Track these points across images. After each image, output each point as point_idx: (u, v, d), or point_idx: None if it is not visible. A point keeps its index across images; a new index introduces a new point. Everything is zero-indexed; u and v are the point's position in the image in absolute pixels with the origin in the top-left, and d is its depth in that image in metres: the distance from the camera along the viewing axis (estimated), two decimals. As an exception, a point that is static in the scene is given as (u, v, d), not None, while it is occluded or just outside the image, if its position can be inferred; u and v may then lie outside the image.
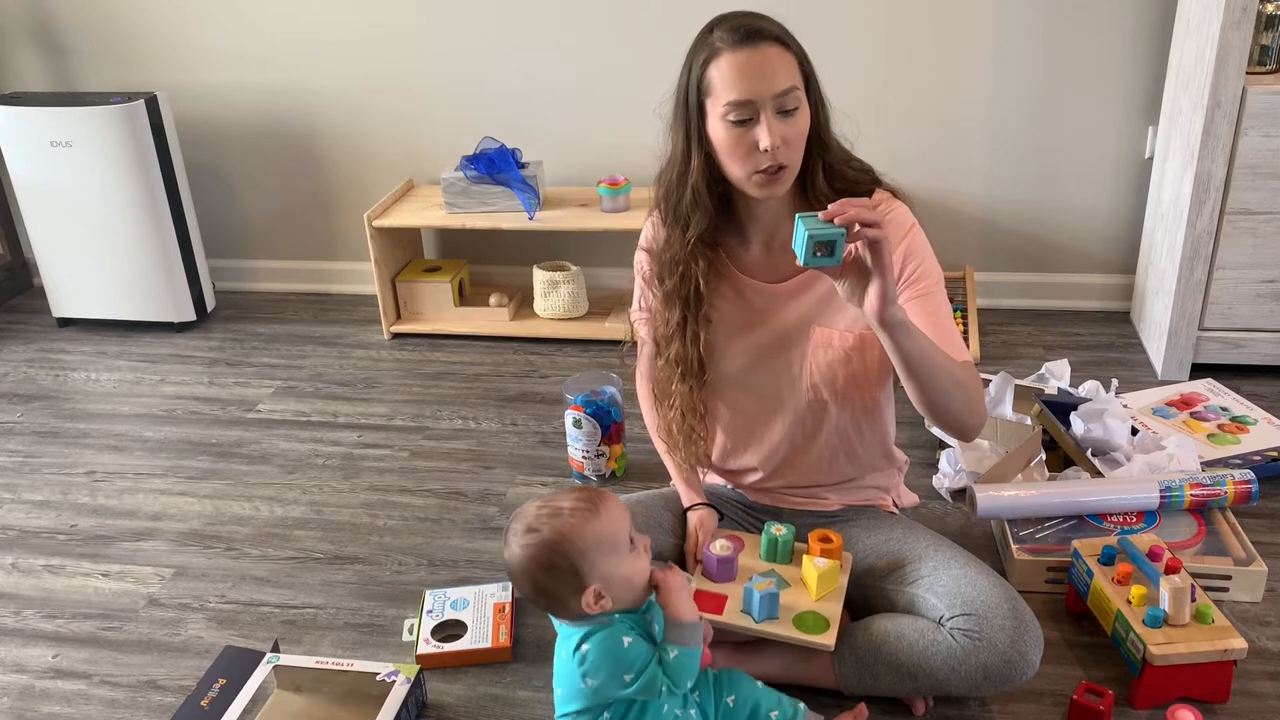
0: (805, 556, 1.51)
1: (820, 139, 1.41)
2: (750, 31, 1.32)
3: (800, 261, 1.21)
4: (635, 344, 1.66)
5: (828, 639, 1.41)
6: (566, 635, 1.29)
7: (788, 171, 1.37)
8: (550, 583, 1.24)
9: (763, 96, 1.32)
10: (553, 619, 1.32)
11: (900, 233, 1.44)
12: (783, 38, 1.34)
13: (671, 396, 1.56)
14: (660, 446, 1.66)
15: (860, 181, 1.45)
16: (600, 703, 1.28)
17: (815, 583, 1.47)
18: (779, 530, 1.56)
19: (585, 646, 1.25)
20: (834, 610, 1.46)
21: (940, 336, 1.39)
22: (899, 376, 1.35)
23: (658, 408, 1.62)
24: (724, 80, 1.33)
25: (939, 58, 2.57)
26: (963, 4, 2.50)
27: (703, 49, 1.36)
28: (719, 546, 1.52)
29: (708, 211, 1.44)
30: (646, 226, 1.58)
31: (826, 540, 1.52)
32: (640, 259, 1.58)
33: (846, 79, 2.61)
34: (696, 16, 1.42)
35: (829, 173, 1.43)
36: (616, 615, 1.27)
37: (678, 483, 1.65)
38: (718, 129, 1.36)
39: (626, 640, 1.25)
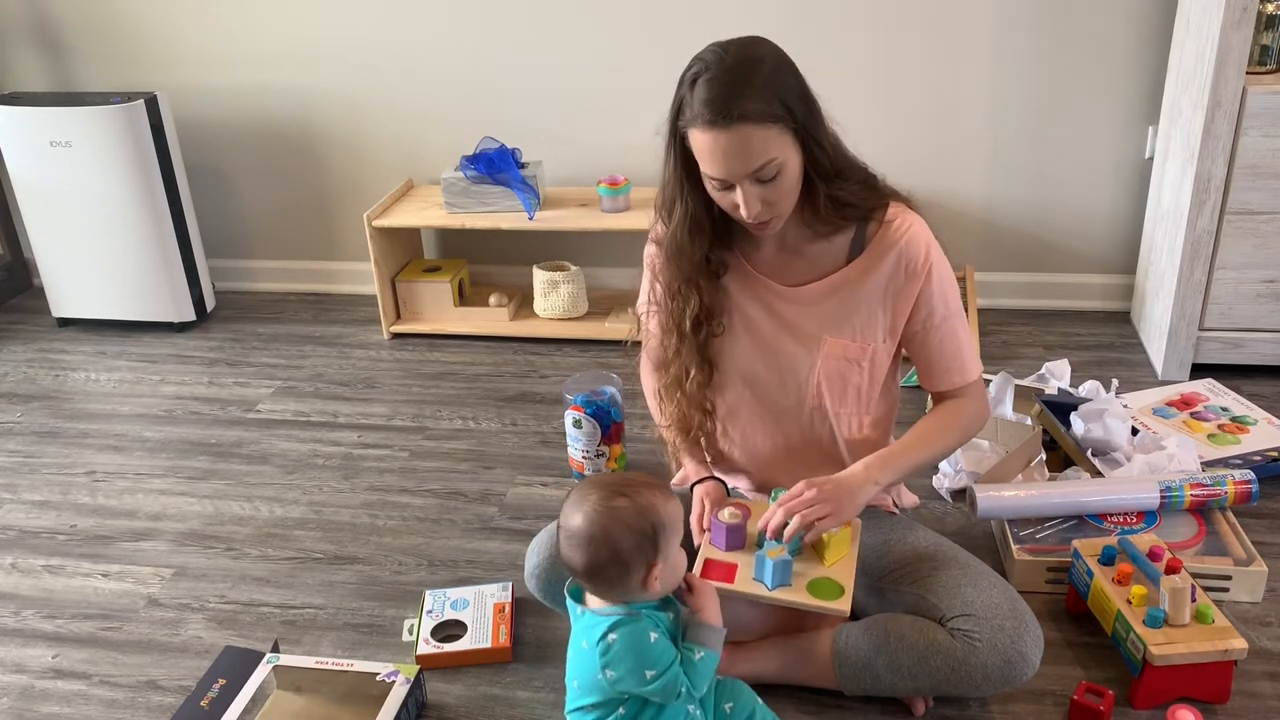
0: None
1: (818, 172, 1.39)
2: (721, 111, 1.28)
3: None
4: (640, 339, 1.66)
5: (843, 604, 1.37)
6: (589, 624, 1.28)
7: (775, 219, 1.40)
8: (631, 548, 1.23)
9: (736, 175, 1.32)
10: (571, 609, 1.32)
11: (918, 260, 1.45)
12: (756, 115, 1.28)
13: (677, 393, 1.55)
14: (666, 434, 1.64)
15: (866, 198, 1.44)
16: (615, 697, 1.28)
17: (828, 549, 1.43)
18: None
19: (612, 636, 1.25)
20: (847, 576, 1.42)
21: (946, 361, 1.51)
22: None
23: (663, 402, 1.61)
24: (701, 151, 1.34)
25: (939, 57, 2.56)
26: (963, 4, 2.50)
27: (685, 106, 1.33)
28: (727, 514, 1.47)
29: (706, 234, 1.46)
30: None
31: None
32: (651, 251, 1.58)
33: (846, 79, 2.62)
34: (696, 17, 1.41)
35: (833, 197, 1.41)
36: (644, 610, 1.27)
37: (685, 460, 1.62)
38: (705, 181, 1.38)
39: (653, 636, 1.25)
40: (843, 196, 1.42)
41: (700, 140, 1.32)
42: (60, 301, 2.91)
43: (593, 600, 1.30)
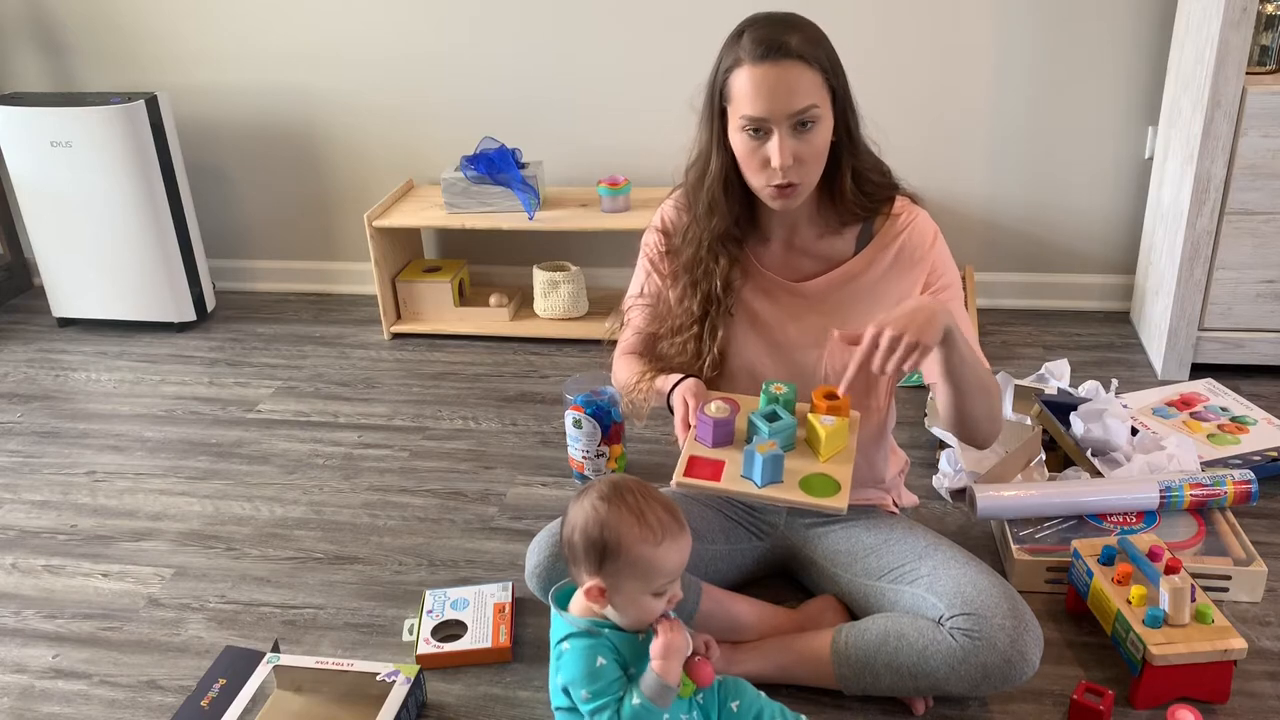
0: (810, 415, 1.40)
1: (849, 145, 1.42)
2: (773, 46, 1.31)
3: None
4: (620, 330, 1.65)
5: (839, 501, 1.30)
6: (557, 627, 1.30)
7: (801, 188, 1.39)
8: (582, 547, 1.24)
9: (778, 114, 1.33)
10: (554, 612, 1.33)
11: (925, 245, 1.47)
12: (806, 55, 1.32)
13: (679, 344, 1.53)
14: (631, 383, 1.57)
15: (882, 187, 1.47)
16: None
17: (822, 443, 1.35)
18: (779, 388, 1.42)
19: (565, 645, 1.26)
20: (844, 472, 1.35)
21: None
22: (940, 380, 1.39)
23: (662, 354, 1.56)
24: (743, 92, 1.34)
25: (939, 57, 2.57)
26: (963, 4, 2.50)
27: (730, 54, 1.36)
28: (713, 408, 1.39)
29: (724, 215, 1.46)
30: (666, 207, 1.57)
31: (832, 397, 1.40)
32: (651, 240, 1.58)
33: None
34: (697, 17, 1.42)
35: (857, 177, 1.44)
36: (607, 630, 1.26)
37: (660, 380, 1.52)
38: (736, 138, 1.38)
39: (600, 661, 1.24)
40: (866, 176, 1.44)
41: (745, 79, 1.33)
42: (60, 301, 2.91)
43: (575, 605, 1.31)
